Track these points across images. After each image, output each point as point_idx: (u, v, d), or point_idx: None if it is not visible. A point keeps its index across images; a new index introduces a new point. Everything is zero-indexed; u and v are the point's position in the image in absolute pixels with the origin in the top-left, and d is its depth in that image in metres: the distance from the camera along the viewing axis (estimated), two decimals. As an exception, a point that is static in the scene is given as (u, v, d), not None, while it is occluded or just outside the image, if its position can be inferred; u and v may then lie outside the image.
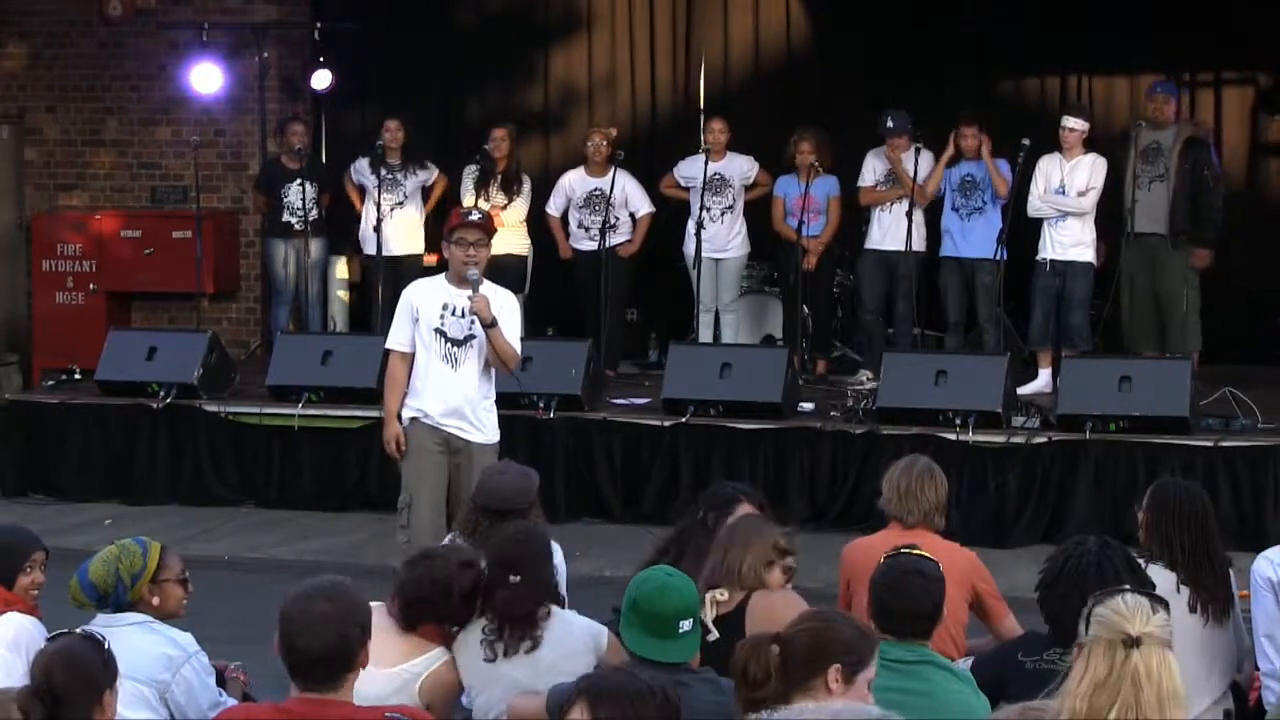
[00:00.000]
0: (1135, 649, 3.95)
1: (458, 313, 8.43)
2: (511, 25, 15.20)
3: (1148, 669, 3.95)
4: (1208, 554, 6.05)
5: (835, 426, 11.35)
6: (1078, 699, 3.96)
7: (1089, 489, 10.79)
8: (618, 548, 10.27)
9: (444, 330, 8.45)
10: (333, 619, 4.39)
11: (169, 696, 5.39)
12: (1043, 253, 12.19)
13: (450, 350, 8.45)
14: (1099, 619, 4.02)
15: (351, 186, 13.67)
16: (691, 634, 5.08)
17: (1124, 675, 3.95)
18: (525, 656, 5.56)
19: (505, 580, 5.61)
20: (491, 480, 6.74)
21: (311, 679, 4.40)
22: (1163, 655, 3.97)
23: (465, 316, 8.42)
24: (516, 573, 5.61)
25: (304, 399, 11.88)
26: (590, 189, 13.27)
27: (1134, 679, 3.93)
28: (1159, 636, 3.99)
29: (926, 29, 13.92)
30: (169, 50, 14.75)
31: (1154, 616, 4.02)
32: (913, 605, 5.08)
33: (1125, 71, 14.14)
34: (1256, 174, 14.26)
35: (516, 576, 5.60)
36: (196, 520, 11.63)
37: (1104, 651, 3.98)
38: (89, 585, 5.48)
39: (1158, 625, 4.00)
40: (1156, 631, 3.99)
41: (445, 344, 8.45)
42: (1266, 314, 13.28)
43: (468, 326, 8.43)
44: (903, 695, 4.82)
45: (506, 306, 8.51)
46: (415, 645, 5.58)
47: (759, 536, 5.88)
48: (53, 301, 14.58)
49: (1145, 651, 3.95)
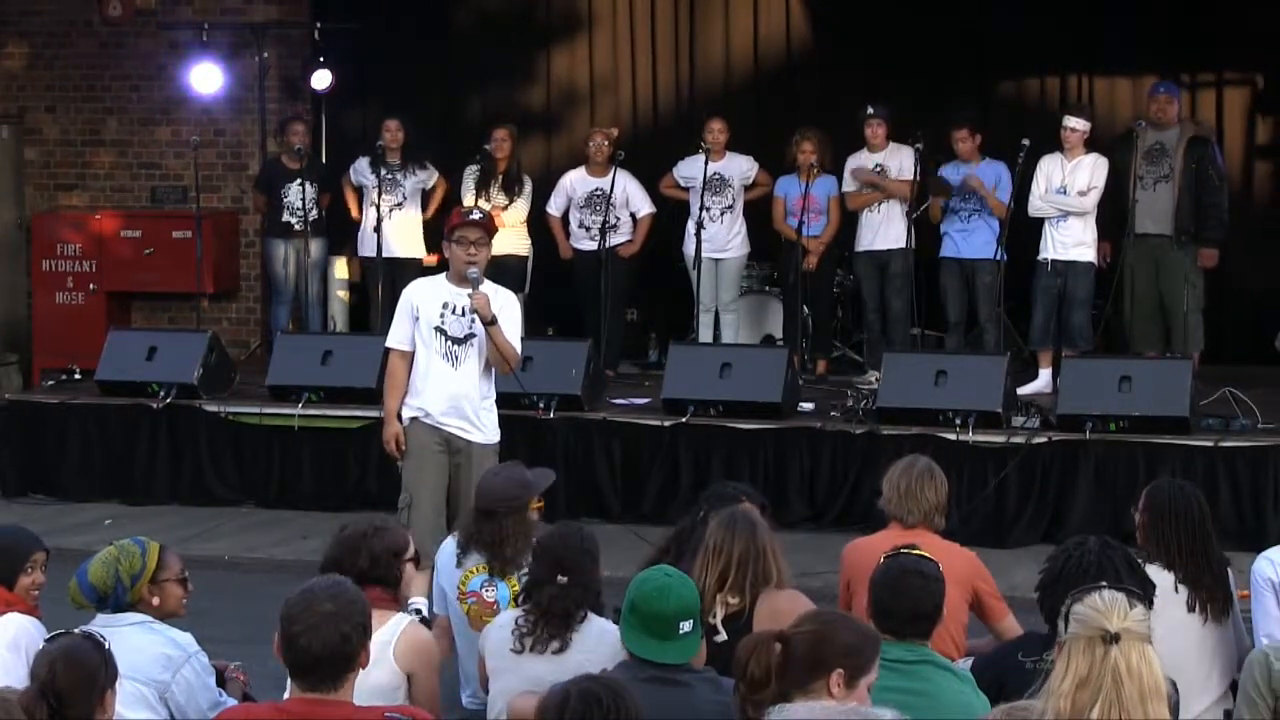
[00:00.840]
0: (1114, 645, 3.94)
1: (458, 311, 8.45)
2: (511, 25, 15.20)
3: (1128, 664, 3.94)
4: (1205, 554, 6.04)
5: (835, 426, 11.35)
6: (1061, 698, 3.97)
7: (1089, 489, 10.79)
8: (618, 548, 10.25)
9: (444, 329, 8.46)
10: (334, 619, 4.39)
11: (169, 696, 5.39)
12: (1044, 253, 12.19)
13: (451, 348, 8.47)
14: (1077, 616, 4.03)
15: (350, 188, 13.65)
16: (692, 635, 5.08)
17: (1104, 671, 3.94)
18: (553, 655, 5.58)
19: (553, 578, 5.64)
20: (484, 481, 6.79)
21: (312, 679, 4.40)
22: (1143, 650, 3.97)
23: (466, 315, 8.44)
24: (565, 573, 5.64)
25: (304, 399, 11.88)
26: (591, 189, 13.27)
27: (1115, 675, 3.93)
28: (1138, 632, 3.98)
29: (926, 29, 13.92)
30: (169, 50, 14.74)
31: (1132, 611, 4.01)
32: (913, 605, 5.08)
33: (1126, 71, 14.14)
34: (1256, 174, 14.26)
35: (565, 577, 5.63)
36: (196, 520, 11.63)
37: (1084, 648, 3.98)
38: (88, 587, 5.48)
39: (1136, 620, 4.00)
40: (1135, 627, 3.98)
41: (446, 342, 8.47)
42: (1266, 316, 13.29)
43: (468, 325, 8.45)
44: (903, 695, 4.82)
45: (507, 306, 8.51)
46: (374, 618, 5.54)
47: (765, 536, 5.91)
48: (53, 301, 14.58)
49: (1125, 647, 3.95)
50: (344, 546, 5.71)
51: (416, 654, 5.62)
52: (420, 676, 5.61)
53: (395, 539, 5.79)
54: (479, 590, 6.63)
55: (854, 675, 4.48)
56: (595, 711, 4.05)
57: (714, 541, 5.84)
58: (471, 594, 6.65)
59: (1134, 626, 3.98)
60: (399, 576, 5.71)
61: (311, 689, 4.41)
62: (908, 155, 12.62)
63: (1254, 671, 5.25)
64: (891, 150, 12.78)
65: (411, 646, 5.61)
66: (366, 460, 11.62)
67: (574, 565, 5.67)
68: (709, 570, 5.79)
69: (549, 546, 5.79)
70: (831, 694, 4.44)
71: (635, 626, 5.05)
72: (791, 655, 4.47)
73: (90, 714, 4.47)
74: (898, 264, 12.65)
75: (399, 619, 5.67)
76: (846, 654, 4.49)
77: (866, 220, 12.89)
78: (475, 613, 6.58)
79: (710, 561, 5.81)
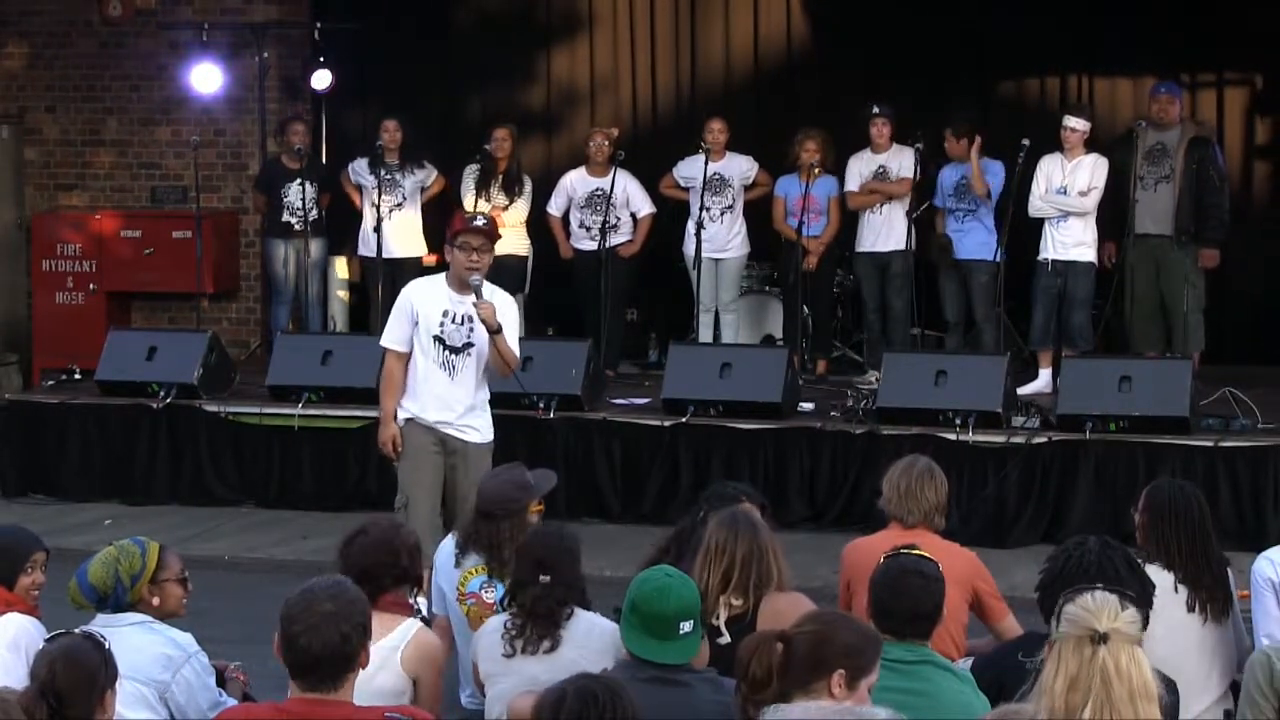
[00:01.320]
0: (1103, 645, 3.95)
1: (458, 319, 8.46)
2: (511, 25, 15.20)
3: (1117, 665, 3.95)
4: (1205, 554, 6.04)
5: (835, 426, 11.35)
6: (1055, 697, 3.97)
7: (1089, 489, 10.79)
8: (618, 548, 10.26)
9: (443, 338, 8.47)
10: (335, 619, 4.39)
11: (169, 696, 5.39)
12: (1044, 253, 12.19)
13: (449, 358, 8.49)
14: (1068, 616, 4.03)
15: (349, 186, 13.66)
16: (692, 635, 5.08)
17: (1093, 672, 3.95)
18: (545, 654, 5.59)
19: (535, 579, 5.64)
20: (484, 483, 6.82)
21: (313, 679, 4.40)
22: (1132, 651, 3.97)
23: (465, 324, 8.45)
24: (547, 573, 5.64)
25: (304, 399, 11.88)
26: (591, 189, 13.27)
27: (1104, 675, 3.94)
28: (1127, 633, 3.99)
29: (926, 29, 13.92)
30: (169, 50, 14.74)
31: (1123, 613, 4.01)
32: (913, 605, 5.08)
33: (1126, 71, 14.14)
34: (1256, 174, 14.26)
35: (547, 576, 5.63)
36: (196, 520, 11.63)
37: (1073, 649, 3.99)
38: (88, 587, 5.48)
39: (1126, 621, 4.00)
40: (1124, 627, 3.99)
41: (444, 351, 8.48)
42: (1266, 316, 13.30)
43: (467, 334, 8.46)
44: (903, 695, 4.82)
45: (506, 310, 8.51)
46: (385, 622, 5.54)
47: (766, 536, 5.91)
48: (53, 301, 14.58)
49: (1114, 647, 3.95)
50: (380, 550, 5.71)
51: (423, 659, 5.63)
52: (425, 681, 5.62)
53: (412, 534, 5.91)
54: (478, 591, 6.63)
55: (855, 676, 4.48)
56: (592, 709, 4.05)
57: (715, 542, 5.83)
58: (471, 595, 6.65)
59: (1123, 627, 3.99)
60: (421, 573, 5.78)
61: (311, 689, 4.41)
62: (908, 156, 12.63)
63: (1256, 673, 5.25)
64: (894, 151, 12.79)
65: (419, 652, 5.63)
66: (366, 460, 11.62)
67: (555, 564, 5.68)
68: (711, 571, 5.78)
69: (529, 547, 5.80)
70: (833, 694, 4.44)
71: (636, 626, 5.05)
72: (793, 655, 4.47)
73: (90, 714, 4.47)
74: (898, 264, 12.66)
75: (409, 624, 5.69)
76: (848, 654, 4.50)
77: (868, 221, 12.89)
78: (475, 613, 6.58)
79: (712, 562, 5.80)
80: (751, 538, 5.85)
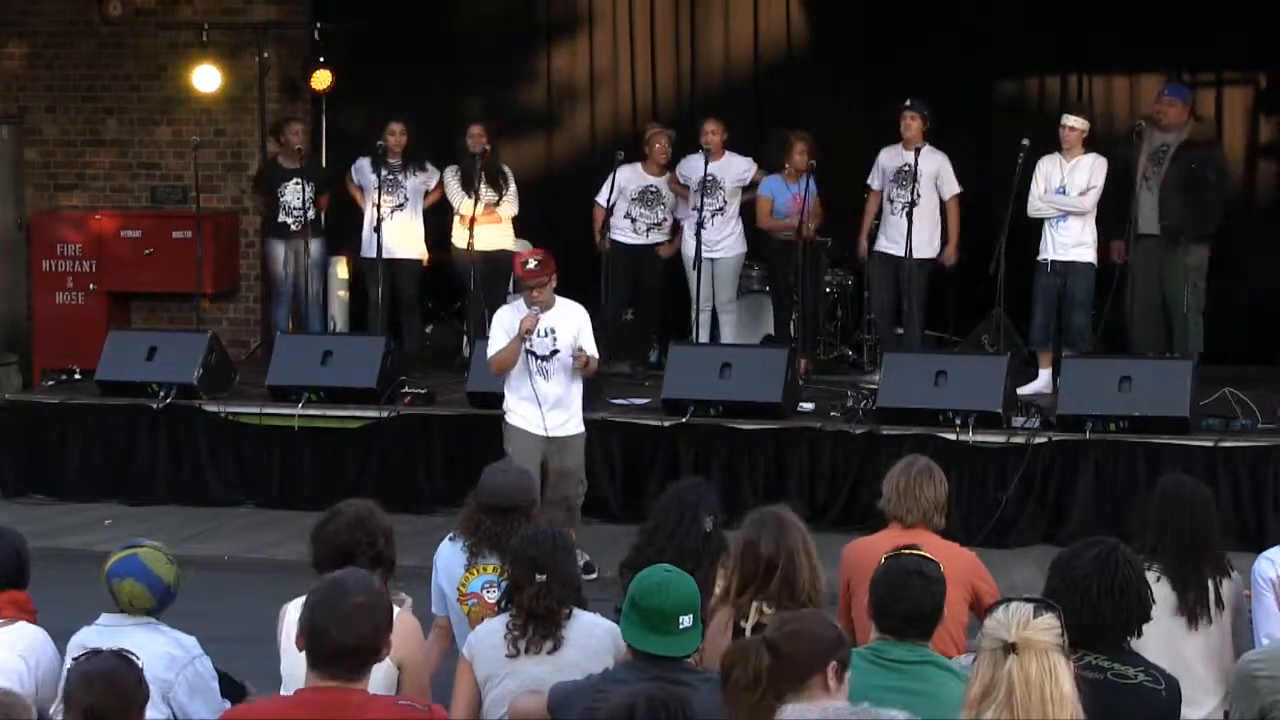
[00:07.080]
0: (1013, 654, 3.98)
1: (541, 333, 9.92)
2: (511, 25, 15.20)
3: (1025, 675, 3.98)
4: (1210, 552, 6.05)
5: (835, 426, 11.36)
6: (969, 708, 4.04)
7: (1089, 489, 10.80)
8: (618, 548, 10.25)
9: (532, 349, 9.94)
10: (366, 610, 4.43)
11: (171, 696, 5.39)
12: (1043, 253, 12.18)
13: (541, 365, 9.98)
14: (985, 628, 4.09)
15: (353, 186, 13.64)
16: (692, 629, 5.09)
17: (1001, 681, 3.99)
18: (548, 655, 5.59)
19: (531, 579, 5.63)
20: (493, 479, 6.74)
21: (338, 668, 4.42)
22: (1044, 660, 4.00)
23: (546, 335, 9.92)
24: (543, 572, 5.63)
25: (304, 399, 11.89)
26: (645, 185, 13.27)
27: (1010, 684, 3.98)
28: (1039, 641, 4.02)
29: (927, 29, 13.91)
30: (169, 50, 14.75)
31: (1034, 620, 4.04)
32: (913, 606, 5.07)
33: (1125, 71, 14.14)
34: (1256, 174, 14.26)
35: (543, 576, 5.63)
36: (196, 520, 11.64)
37: (988, 660, 4.05)
38: (163, 586, 5.47)
39: (1041, 630, 4.03)
40: (1036, 636, 4.02)
41: (535, 360, 9.96)
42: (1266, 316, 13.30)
43: (550, 344, 9.95)
44: (903, 695, 4.81)
45: (576, 317, 10.02)
46: None
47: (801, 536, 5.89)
48: (53, 301, 14.59)
49: (1024, 657, 3.99)
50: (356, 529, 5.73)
51: (406, 642, 5.59)
52: (410, 665, 5.59)
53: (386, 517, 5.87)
54: (479, 592, 6.62)
55: (844, 667, 4.50)
56: (662, 718, 4.09)
57: (761, 549, 5.75)
58: (472, 595, 6.64)
59: (1035, 636, 4.01)
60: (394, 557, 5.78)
61: (333, 678, 4.42)
62: (944, 160, 12.49)
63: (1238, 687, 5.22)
64: (927, 153, 12.46)
65: (401, 632, 5.59)
66: (366, 460, 11.62)
67: (549, 562, 5.67)
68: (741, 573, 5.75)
69: (521, 548, 5.77)
70: (828, 688, 4.44)
71: (635, 622, 5.07)
72: (783, 658, 4.47)
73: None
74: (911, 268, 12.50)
75: None
76: (835, 648, 4.51)
77: (887, 220, 12.74)
78: (476, 614, 6.56)
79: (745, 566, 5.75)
80: (792, 547, 5.79)
